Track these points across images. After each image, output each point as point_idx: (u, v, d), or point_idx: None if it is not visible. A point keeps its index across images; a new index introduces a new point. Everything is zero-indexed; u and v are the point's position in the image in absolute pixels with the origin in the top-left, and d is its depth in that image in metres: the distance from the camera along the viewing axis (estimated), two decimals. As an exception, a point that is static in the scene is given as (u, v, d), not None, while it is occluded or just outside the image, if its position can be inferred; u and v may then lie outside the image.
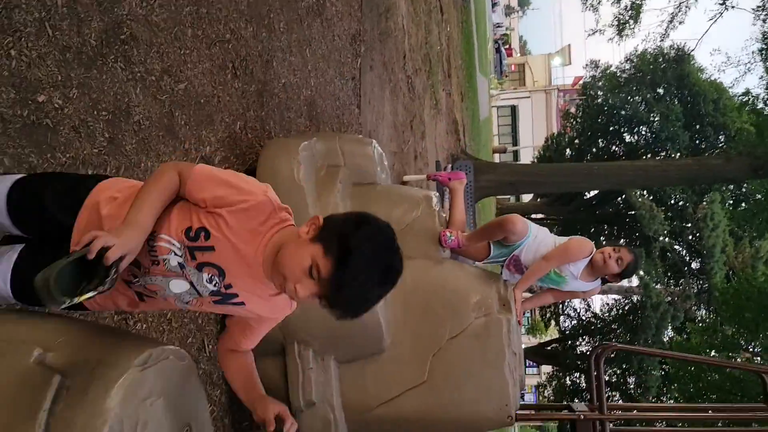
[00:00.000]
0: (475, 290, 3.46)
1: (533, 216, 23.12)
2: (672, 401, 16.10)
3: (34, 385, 1.30)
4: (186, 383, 1.54)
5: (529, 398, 28.67)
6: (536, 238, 3.70)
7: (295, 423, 1.60)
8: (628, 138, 20.26)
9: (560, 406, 4.00)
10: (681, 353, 10.43)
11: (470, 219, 7.28)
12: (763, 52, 16.90)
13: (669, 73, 19.44)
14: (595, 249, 3.65)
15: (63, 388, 1.31)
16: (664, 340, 17.07)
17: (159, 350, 1.45)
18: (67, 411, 1.26)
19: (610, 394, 15.98)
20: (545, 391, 21.29)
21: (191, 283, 1.51)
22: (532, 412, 4.24)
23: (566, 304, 19.85)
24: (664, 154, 18.73)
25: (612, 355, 15.62)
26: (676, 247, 18.91)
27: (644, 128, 19.64)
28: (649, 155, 19.11)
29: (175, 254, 1.47)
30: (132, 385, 1.35)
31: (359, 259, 1.31)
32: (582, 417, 3.45)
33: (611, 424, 3.57)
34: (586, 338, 19.55)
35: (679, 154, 18.21)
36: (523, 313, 3.65)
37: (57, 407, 1.26)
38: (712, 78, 20.13)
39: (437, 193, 3.89)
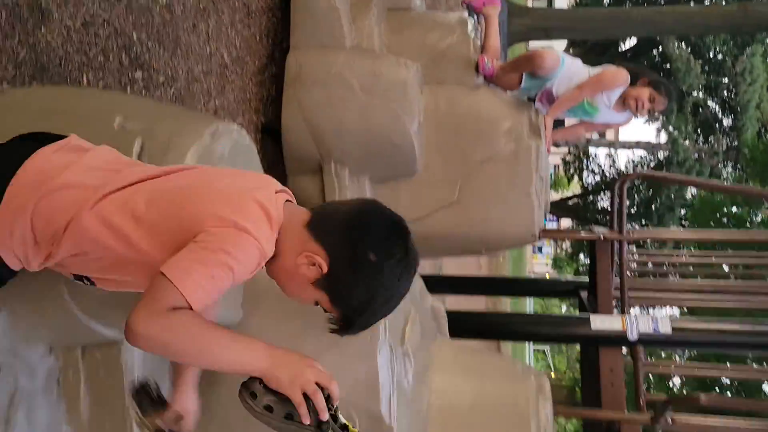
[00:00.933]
0: (507, 117, 3.54)
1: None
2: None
3: (118, 148, 1.45)
4: (249, 160, 1.70)
5: (547, 251, 29.70)
6: (569, 70, 3.68)
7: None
8: (672, -15, 19.01)
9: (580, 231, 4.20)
10: (707, 180, 10.49)
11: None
12: None
13: None
14: (629, 78, 3.63)
15: (144, 151, 1.47)
16: (687, 197, 17.19)
17: (225, 124, 1.59)
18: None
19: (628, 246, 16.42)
20: (563, 244, 21.93)
21: None
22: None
23: (591, 159, 19.84)
24: (708, 2, 17.67)
25: (638, 183, 15.89)
26: (710, 103, 18.41)
27: (691, -27, 18.35)
28: (692, 2, 18.05)
29: None
30: (204, 153, 1.51)
31: (370, 319, 1.21)
32: (602, 237, 3.65)
33: (629, 246, 3.79)
34: (608, 194, 19.74)
35: (725, 2, 17.17)
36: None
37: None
38: None
39: (472, 19, 3.84)
